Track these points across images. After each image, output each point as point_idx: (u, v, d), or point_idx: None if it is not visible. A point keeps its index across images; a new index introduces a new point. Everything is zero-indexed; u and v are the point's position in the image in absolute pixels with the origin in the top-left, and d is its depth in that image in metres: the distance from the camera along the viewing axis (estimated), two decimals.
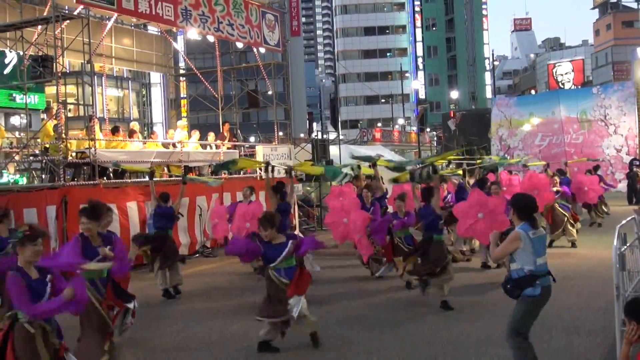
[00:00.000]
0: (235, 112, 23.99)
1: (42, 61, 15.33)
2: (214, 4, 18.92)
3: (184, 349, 8.15)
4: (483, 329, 8.24)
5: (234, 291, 12.09)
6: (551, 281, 5.87)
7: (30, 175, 16.94)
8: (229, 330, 9.00)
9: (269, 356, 7.52)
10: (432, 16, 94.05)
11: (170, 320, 9.66)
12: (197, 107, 31.05)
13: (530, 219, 5.92)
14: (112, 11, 16.31)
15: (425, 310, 9.54)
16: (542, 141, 30.70)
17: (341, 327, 8.73)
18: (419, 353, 7.49)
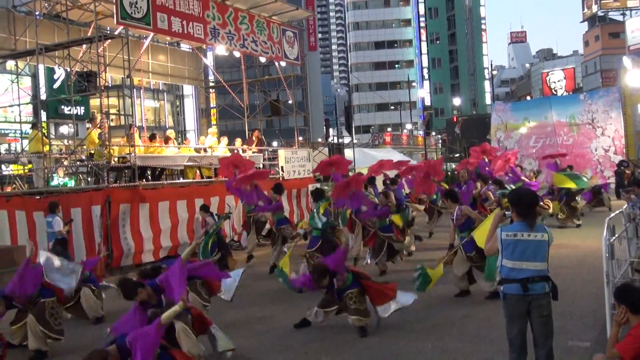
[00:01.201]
0: (260, 119, 24.03)
1: (87, 76, 15.44)
2: (239, 23, 18.96)
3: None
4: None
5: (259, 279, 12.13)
6: (519, 292, 5.09)
7: (78, 178, 17.06)
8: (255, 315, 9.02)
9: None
10: (436, 31, 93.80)
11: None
12: (225, 115, 31.17)
13: (527, 217, 5.20)
14: (148, 31, 16.41)
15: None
16: (536, 143, 30.51)
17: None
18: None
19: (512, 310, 5.22)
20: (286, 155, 20.40)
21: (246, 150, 19.58)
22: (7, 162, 20.00)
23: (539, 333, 5.16)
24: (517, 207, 5.28)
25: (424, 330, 7.82)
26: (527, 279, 5.08)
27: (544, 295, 5.14)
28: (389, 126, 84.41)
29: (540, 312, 5.12)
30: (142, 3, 15.34)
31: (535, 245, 5.12)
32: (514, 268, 5.12)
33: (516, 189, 5.94)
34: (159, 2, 15.89)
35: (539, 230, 5.19)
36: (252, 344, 7.67)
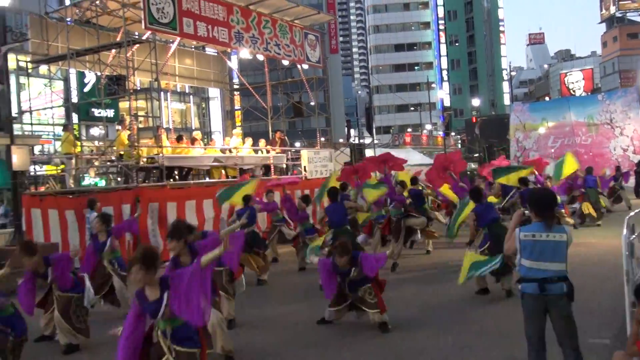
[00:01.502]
0: (283, 121, 24.07)
1: (116, 80, 15.60)
2: (262, 27, 19.01)
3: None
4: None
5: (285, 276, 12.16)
6: (536, 291, 5.00)
7: (108, 178, 17.27)
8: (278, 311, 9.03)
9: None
10: (455, 33, 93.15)
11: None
12: (249, 117, 31.27)
13: (545, 217, 5.05)
14: (175, 35, 16.53)
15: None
16: (554, 143, 30.18)
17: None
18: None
19: (529, 309, 5.13)
20: (309, 155, 20.42)
21: (270, 151, 19.63)
22: (40, 163, 20.29)
23: (562, 333, 5.05)
24: (535, 207, 5.14)
25: (444, 327, 7.77)
26: (545, 279, 4.98)
27: (562, 296, 5.02)
28: (409, 127, 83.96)
29: (560, 312, 5.02)
30: (168, 9, 15.46)
31: (554, 245, 5.00)
32: (532, 268, 5.02)
33: (534, 189, 5.74)
34: (185, 7, 16.01)
35: (558, 230, 5.06)
36: (276, 338, 7.69)
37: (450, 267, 11.54)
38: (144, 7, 14.80)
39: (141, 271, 4.72)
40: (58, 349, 7.62)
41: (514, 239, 5.13)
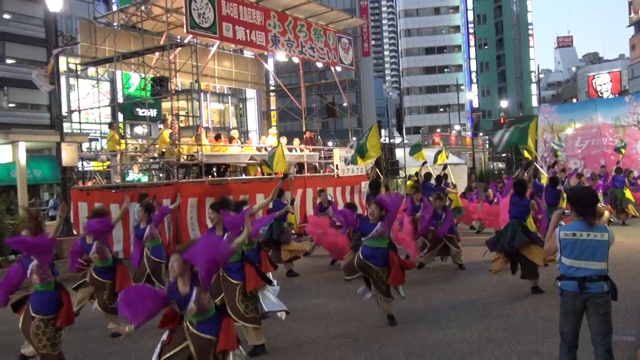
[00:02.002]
0: (316, 121, 24.10)
1: (159, 81, 15.77)
2: (298, 31, 19.05)
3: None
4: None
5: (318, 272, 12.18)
6: (575, 289, 4.86)
7: (150, 174, 17.48)
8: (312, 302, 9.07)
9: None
10: (484, 36, 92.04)
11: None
12: (284, 117, 31.42)
13: (586, 216, 4.86)
14: (215, 39, 16.66)
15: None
16: (581, 144, 29.55)
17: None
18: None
19: (567, 307, 4.98)
20: (340, 154, 20.39)
21: (303, 150, 19.67)
22: (88, 159, 20.65)
23: (597, 331, 4.88)
24: (576, 206, 4.95)
25: (471, 321, 7.70)
26: (584, 278, 4.82)
27: (602, 295, 4.84)
28: (438, 127, 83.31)
29: (597, 310, 4.85)
30: (209, 14, 15.59)
31: (595, 244, 4.83)
32: (571, 266, 4.87)
33: (576, 187, 5.38)
34: (224, 12, 16.12)
35: (599, 230, 4.87)
36: (309, 328, 7.73)
37: (476, 264, 11.43)
38: (186, 12, 14.96)
39: (179, 261, 4.78)
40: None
41: (554, 239, 4.97)
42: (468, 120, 74.32)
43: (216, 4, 15.79)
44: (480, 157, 51.39)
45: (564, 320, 5.03)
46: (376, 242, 7.62)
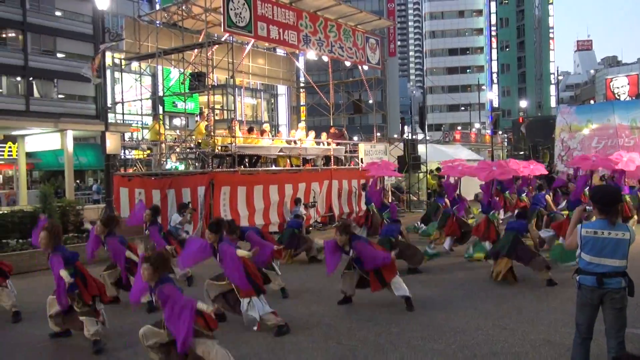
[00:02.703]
0: (343, 117, 24.05)
1: (197, 76, 15.92)
2: (328, 31, 19.01)
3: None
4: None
5: None
6: (593, 284, 4.68)
7: (187, 163, 17.66)
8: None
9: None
10: (506, 39, 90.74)
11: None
12: (313, 112, 31.30)
13: (608, 214, 4.65)
14: (250, 38, 16.73)
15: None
16: (598, 144, 28.98)
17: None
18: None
19: (585, 300, 4.81)
20: (365, 148, 20.36)
21: (330, 144, 19.66)
22: (129, 148, 20.94)
23: (612, 324, 4.75)
24: (598, 204, 4.74)
25: (485, 310, 7.65)
26: (603, 274, 4.65)
27: (619, 290, 4.67)
28: (459, 125, 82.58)
29: (614, 304, 4.71)
30: (245, 13, 15.65)
31: (615, 243, 4.62)
32: (591, 262, 4.70)
33: (599, 186, 5.08)
34: (259, 12, 16.18)
35: (620, 228, 4.66)
36: (332, 311, 7.75)
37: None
38: (223, 12, 15.04)
39: (148, 269, 5.19)
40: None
41: (575, 235, 4.81)
42: (488, 118, 73.39)
43: (252, 4, 15.85)
44: (498, 154, 50.69)
45: (580, 313, 4.90)
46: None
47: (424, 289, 8.60)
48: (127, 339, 6.67)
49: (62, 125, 25.25)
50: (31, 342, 6.89)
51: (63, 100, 36.03)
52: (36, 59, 34.86)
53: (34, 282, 10.19)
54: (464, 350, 6.02)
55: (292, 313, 7.65)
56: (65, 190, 25.18)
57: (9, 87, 34.71)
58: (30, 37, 34.75)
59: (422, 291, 8.50)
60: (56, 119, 26.57)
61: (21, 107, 33.73)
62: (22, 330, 7.43)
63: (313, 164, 18.82)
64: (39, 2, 35.27)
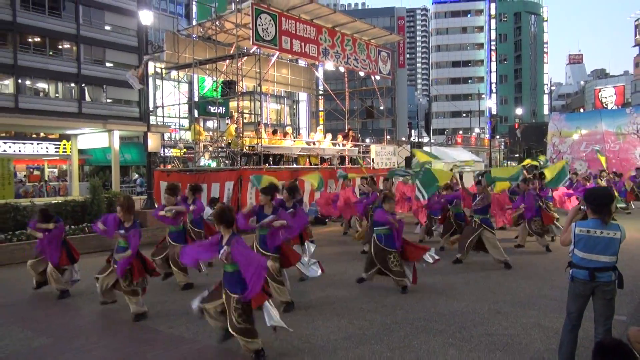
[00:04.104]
0: (357, 121, 23.97)
1: (228, 84, 15.99)
2: (345, 45, 18.96)
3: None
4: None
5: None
6: (586, 277, 4.58)
7: (219, 160, 17.75)
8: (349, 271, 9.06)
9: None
10: (504, 53, 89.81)
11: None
12: (330, 117, 31.25)
13: (601, 214, 4.56)
14: (275, 50, 16.74)
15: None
16: (586, 148, 28.59)
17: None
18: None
19: (577, 291, 4.70)
20: (376, 149, 20.28)
21: (345, 144, 19.63)
22: (168, 147, 21.12)
23: (601, 313, 4.67)
24: (592, 204, 4.62)
25: (482, 295, 7.60)
26: (595, 269, 4.55)
27: (610, 283, 4.58)
28: (461, 130, 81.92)
29: (604, 296, 4.61)
30: (271, 29, 15.67)
31: (607, 241, 4.53)
32: (583, 258, 4.59)
33: (592, 188, 4.90)
34: (284, 28, 16.19)
35: (612, 228, 4.55)
36: (345, 294, 7.75)
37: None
38: (252, 27, 15.08)
39: (220, 226, 5.18)
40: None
41: (569, 232, 4.70)
42: (487, 124, 72.74)
43: (277, 20, 15.86)
44: (496, 156, 50.25)
45: (571, 302, 4.79)
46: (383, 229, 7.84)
47: (427, 277, 8.57)
48: (159, 309, 6.75)
49: (109, 126, 25.51)
50: (87, 316, 6.99)
51: (111, 104, 36.46)
52: (88, 67, 35.32)
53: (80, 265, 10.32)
54: (461, 331, 5.99)
55: (309, 296, 7.67)
56: (112, 183, 25.46)
57: (64, 92, 35.20)
58: (83, 48, 35.22)
59: (426, 279, 8.47)
60: (104, 121, 26.86)
61: (74, 109, 34.23)
62: (79, 305, 7.55)
63: (330, 163, 18.81)
64: (90, 18, 35.70)
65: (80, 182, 27.63)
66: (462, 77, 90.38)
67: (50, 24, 33.56)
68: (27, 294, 8.24)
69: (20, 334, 6.22)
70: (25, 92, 33.10)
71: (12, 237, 11.44)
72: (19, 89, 32.53)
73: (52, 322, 6.70)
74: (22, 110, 30.91)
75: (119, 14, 36.84)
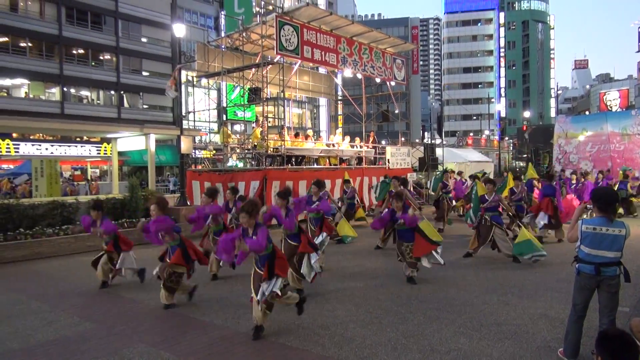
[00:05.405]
0: (373, 124, 23.91)
1: (254, 91, 16.06)
2: (362, 53, 18.92)
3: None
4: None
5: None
6: (592, 272, 4.51)
7: (245, 161, 17.87)
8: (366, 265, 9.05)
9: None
10: (513, 59, 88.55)
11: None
12: (348, 120, 31.26)
13: (607, 212, 4.46)
14: (297, 59, 16.77)
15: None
16: (592, 148, 27.99)
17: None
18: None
19: (583, 284, 4.63)
20: (391, 151, 20.20)
21: (362, 146, 19.58)
22: (199, 149, 21.34)
23: (605, 305, 4.60)
24: (598, 203, 4.52)
25: (491, 287, 7.53)
26: (600, 264, 4.48)
27: (615, 277, 4.50)
28: (471, 132, 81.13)
29: (610, 289, 4.53)
30: (294, 39, 15.71)
31: (613, 238, 4.43)
32: (590, 254, 4.51)
33: (598, 187, 4.78)
34: (305, 38, 16.21)
35: (618, 225, 4.46)
36: (362, 284, 7.76)
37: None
38: (276, 38, 15.15)
39: (246, 217, 5.38)
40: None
41: (576, 229, 4.63)
42: (496, 126, 71.95)
43: (299, 31, 15.90)
44: (505, 156, 49.56)
45: (577, 294, 4.72)
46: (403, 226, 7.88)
47: (440, 271, 8.52)
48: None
49: (146, 130, 25.86)
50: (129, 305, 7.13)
51: (147, 110, 36.96)
52: (126, 76, 35.87)
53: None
54: (472, 321, 5.95)
55: (329, 287, 7.69)
56: (148, 182, 25.82)
57: (105, 99, 35.81)
58: (121, 58, 35.77)
59: (437, 272, 8.43)
60: (141, 125, 27.25)
61: (114, 115, 34.81)
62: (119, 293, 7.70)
63: (348, 163, 18.79)
64: (128, 31, 36.24)
65: (120, 182, 28.08)
66: (473, 82, 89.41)
67: (92, 37, 34.18)
68: (73, 283, 8.43)
69: (68, 319, 6.38)
70: (70, 99, 33.78)
71: (60, 231, 11.72)
72: (65, 97, 33.22)
73: (96, 309, 6.85)
74: (67, 116, 31.54)
75: (154, 27, 37.33)
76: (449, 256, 10.01)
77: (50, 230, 11.64)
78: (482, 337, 5.41)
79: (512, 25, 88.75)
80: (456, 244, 11.49)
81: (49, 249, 11.29)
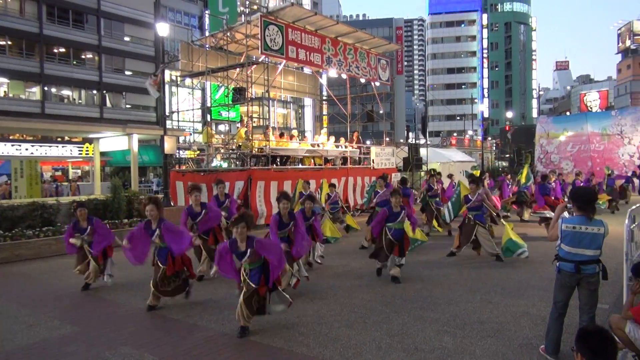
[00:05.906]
0: (358, 124, 23.99)
1: (239, 91, 16.01)
2: (347, 54, 18.97)
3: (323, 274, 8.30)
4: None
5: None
6: (572, 270, 4.58)
7: (230, 161, 17.79)
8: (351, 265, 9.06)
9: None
10: (496, 60, 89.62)
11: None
12: (333, 121, 31.24)
13: (586, 211, 4.53)
14: (282, 59, 16.76)
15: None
16: (572, 148, 28.49)
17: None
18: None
19: (563, 282, 4.71)
20: (376, 151, 20.29)
21: (347, 146, 19.62)
22: (183, 149, 21.17)
23: (585, 302, 4.67)
24: (577, 202, 4.59)
25: (475, 286, 7.60)
26: (580, 262, 4.55)
27: (594, 275, 4.58)
28: (455, 132, 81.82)
29: (589, 287, 4.60)
30: (278, 39, 15.69)
31: (592, 236, 4.51)
32: (570, 252, 4.58)
33: (577, 187, 4.85)
34: (290, 38, 16.20)
35: (596, 224, 4.53)
36: (356, 283, 7.78)
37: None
38: (261, 38, 15.11)
39: (245, 227, 5.43)
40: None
41: (557, 228, 4.69)
42: (479, 127, 72.63)
43: (284, 31, 15.88)
44: (488, 156, 50.10)
45: (558, 292, 4.80)
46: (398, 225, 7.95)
47: (424, 270, 8.57)
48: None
49: (128, 130, 25.60)
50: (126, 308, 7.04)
51: (130, 110, 36.55)
52: (109, 75, 35.43)
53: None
54: (455, 319, 6.00)
55: (314, 287, 7.69)
56: (131, 183, 25.56)
57: (87, 99, 35.33)
58: (104, 58, 35.32)
59: (424, 271, 8.49)
60: (124, 125, 26.96)
61: (96, 114, 34.36)
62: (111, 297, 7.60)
63: (333, 164, 18.81)
64: (111, 29, 35.81)
65: (102, 182, 27.73)
66: (456, 82, 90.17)
67: (74, 35, 33.68)
68: (54, 286, 8.30)
69: (49, 322, 6.28)
70: (51, 98, 33.25)
71: (40, 233, 11.53)
72: (45, 96, 32.68)
73: (78, 312, 6.75)
74: (48, 116, 31.04)
75: (138, 26, 36.94)
76: (434, 255, 10.09)
77: (30, 232, 11.45)
78: (466, 335, 5.46)
79: (494, 27, 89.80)
80: (440, 244, 11.58)
81: (28, 251, 11.10)
